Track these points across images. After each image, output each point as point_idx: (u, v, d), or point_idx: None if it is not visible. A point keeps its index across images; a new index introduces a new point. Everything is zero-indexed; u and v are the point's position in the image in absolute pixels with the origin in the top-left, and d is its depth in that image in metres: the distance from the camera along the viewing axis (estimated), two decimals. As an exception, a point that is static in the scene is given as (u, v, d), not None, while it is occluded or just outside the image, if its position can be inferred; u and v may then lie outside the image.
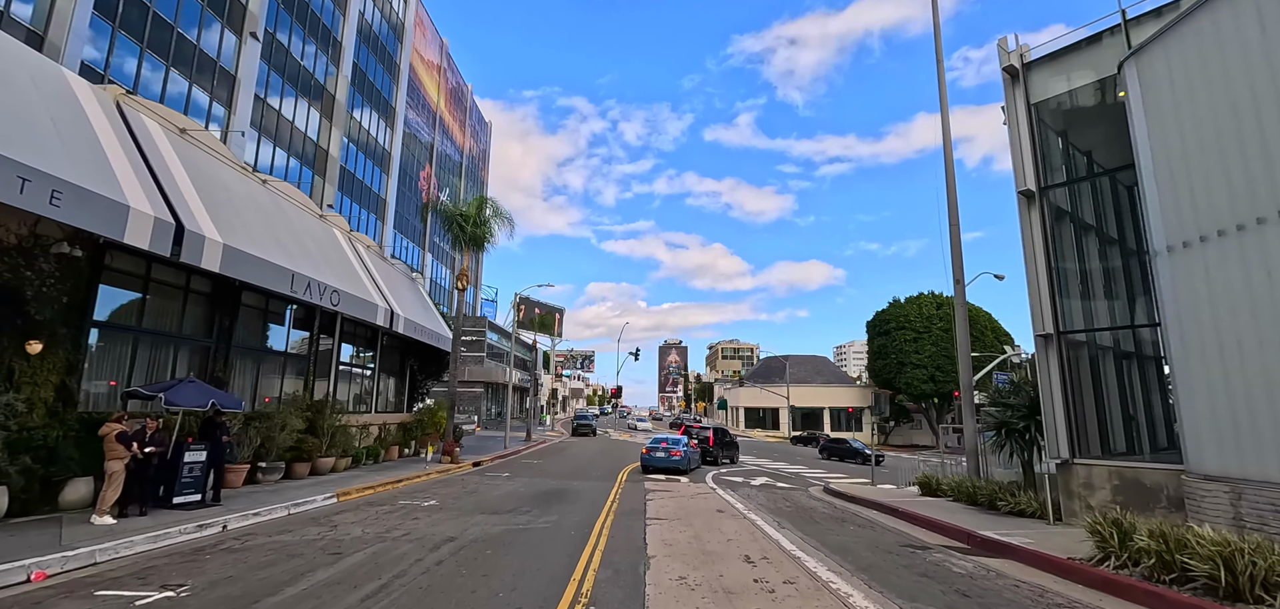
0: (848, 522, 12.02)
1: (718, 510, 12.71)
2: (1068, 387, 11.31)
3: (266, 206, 14.15)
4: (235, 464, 12.65)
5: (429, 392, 26.61)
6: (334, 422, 16.58)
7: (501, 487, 15.60)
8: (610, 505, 12.90)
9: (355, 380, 20.21)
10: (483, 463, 22.50)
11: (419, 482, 15.96)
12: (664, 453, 21.15)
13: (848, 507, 14.55)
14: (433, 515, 10.77)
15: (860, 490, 17.44)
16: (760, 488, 18.72)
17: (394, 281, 21.36)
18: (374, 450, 19.53)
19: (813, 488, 20.62)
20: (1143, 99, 9.57)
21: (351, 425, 18.24)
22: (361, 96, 41.40)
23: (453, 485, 15.48)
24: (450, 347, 22.75)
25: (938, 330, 58.21)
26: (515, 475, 18.84)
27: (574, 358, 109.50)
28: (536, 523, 10.48)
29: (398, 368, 24.09)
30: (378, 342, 21.45)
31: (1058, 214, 12.57)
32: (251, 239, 12.20)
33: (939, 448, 56.53)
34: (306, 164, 34.54)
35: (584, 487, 16.28)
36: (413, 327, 20.03)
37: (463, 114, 65.90)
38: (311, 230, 16.08)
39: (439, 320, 24.97)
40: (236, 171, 13.83)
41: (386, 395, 22.76)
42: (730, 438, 29.56)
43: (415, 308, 22.19)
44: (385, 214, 45.53)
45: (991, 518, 11.44)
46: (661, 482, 18.42)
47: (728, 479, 21.10)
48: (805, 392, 67.11)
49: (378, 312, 17.15)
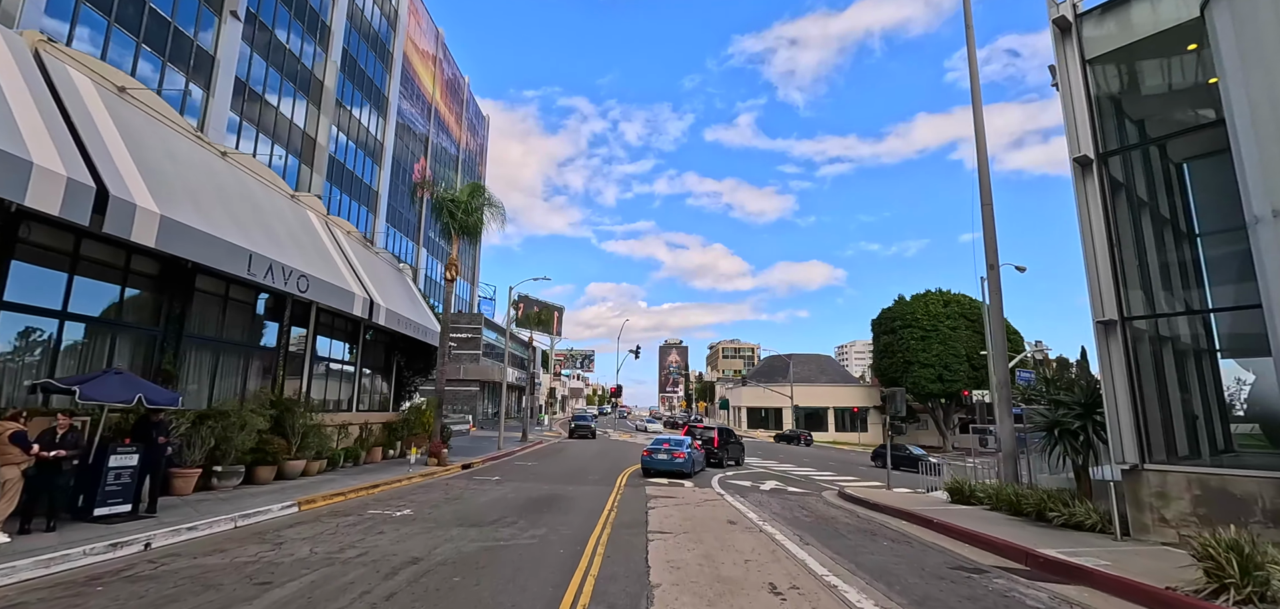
0: (878, 535, 10.54)
1: (729, 522, 11.23)
2: (1133, 381, 9.83)
3: (224, 181, 12.69)
4: (183, 468, 11.20)
5: (418, 390, 25.13)
6: (306, 421, 15.11)
7: (488, 492, 14.14)
8: (608, 515, 11.43)
9: (334, 377, 18.74)
10: (473, 465, 21.03)
11: (398, 487, 14.49)
12: (666, 455, 19.68)
13: (873, 516, 13.07)
14: (401, 529, 9.31)
15: (880, 496, 15.97)
16: (771, 493, 17.25)
17: (378, 271, 19.90)
18: (354, 452, 18.07)
19: (826, 492, 19.17)
20: (1236, 40, 8.10)
21: (328, 425, 16.78)
22: (352, 85, 39.94)
23: (434, 491, 14.01)
24: (439, 341, 21.28)
25: (945, 329, 56.65)
26: (506, 479, 17.38)
27: (574, 357, 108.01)
28: (521, 538, 9.01)
29: (383, 364, 22.63)
30: (360, 335, 19.98)
31: (1114, 186, 11.08)
32: (200, 213, 10.74)
33: (947, 449, 55.08)
34: (293, 152, 33.08)
35: (579, 492, 14.82)
36: (396, 319, 18.57)
37: (459, 107, 64.43)
38: (280, 210, 14.62)
39: (428, 314, 23.52)
40: (190, 140, 12.37)
41: (370, 393, 21.30)
42: (735, 439, 28.09)
43: (401, 300, 20.74)
44: (377, 206, 44.07)
45: (1045, 532, 9.97)
46: (664, 487, 16.95)
47: (734, 483, 19.63)
48: (809, 391, 65.60)
49: (355, 301, 15.68)
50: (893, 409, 22.52)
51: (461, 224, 21.57)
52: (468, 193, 21.83)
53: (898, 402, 22.49)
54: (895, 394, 22.65)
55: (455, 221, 21.52)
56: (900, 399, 22.59)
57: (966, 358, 54.83)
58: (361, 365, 20.25)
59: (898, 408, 22.40)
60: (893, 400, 22.55)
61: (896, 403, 22.50)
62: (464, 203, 21.58)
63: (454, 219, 21.50)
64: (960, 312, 57.23)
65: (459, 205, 21.54)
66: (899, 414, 22.46)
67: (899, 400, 22.53)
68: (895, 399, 22.54)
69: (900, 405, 22.46)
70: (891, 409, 22.62)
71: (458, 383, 49.20)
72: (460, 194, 21.76)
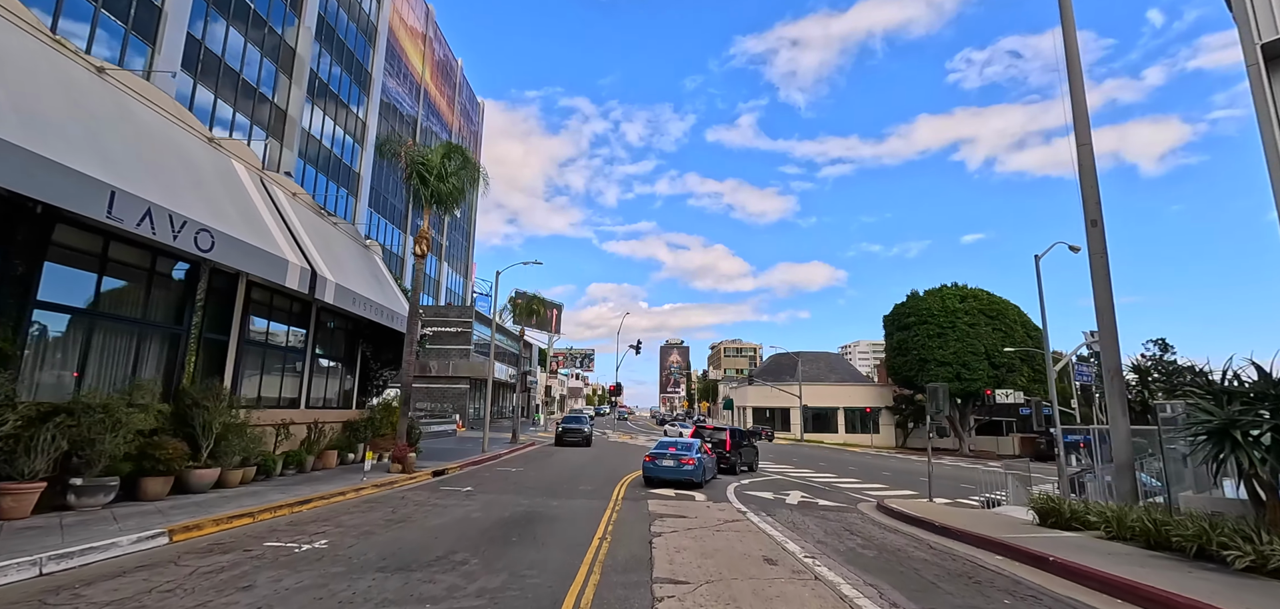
0: (982, 582, 7.45)
1: (767, 560, 8.15)
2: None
3: (95, 103, 9.63)
4: (18, 484, 8.13)
5: (389, 384, 22.06)
6: (225, 419, 12.08)
7: (450, 510, 11.07)
8: (598, 547, 8.38)
9: (274, 368, 15.69)
10: (446, 472, 17.98)
11: (334, 504, 11.43)
12: (673, 461, 16.58)
13: (950, 546, 9.98)
14: (287, 580, 6.24)
15: (938, 514, 12.91)
16: (802, 509, 14.19)
17: (333, 244, 16.85)
18: (298, 457, 15.00)
19: (862, 505, 16.15)
20: None
21: (261, 425, 13.74)
22: (330, 56, 36.88)
23: (378, 510, 10.94)
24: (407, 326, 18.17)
25: (963, 325, 53.57)
26: (480, 490, 14.33)
27: (574, 357, 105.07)
28: (461, 594, 5.95)
29: (345, 354, 19.58)
30: (311, 318, 16.93)
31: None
32: (30, 130, 7.68)
33: (963, 452, 51.99)
34: (259, 124, 30.02)
35: (566, 509, 11.76)
36: (352, 298, 15.51)
37: (452, 90, 61.38)
38: (185, 151, 11.55)
39: (398, 297, 20.47)
40: (42, 41, 9.29)
41: (327, 388, 18.25)
42: (749, 440, 25.00)
43: (362, 279, 17.69)
44: (359, 190, 41.03)
45: (1224, 580, 6.90)
46: (671, 501, 13.89)
47: (754, 494, 16.56)
48: (818, 391, 62.46)
49: (288, 270, 12.61)
50: (935, 408, 19.44)
51: (434, 192, 18.48)
52: (441, 153, 18.73)
53: (940, 398, 19.41)
54: (938, 391, 19.57)
55: (428, 188, 18.44)
56: (943, 396, 19.50)
57: (986, 355, 51.76)
58: (314, 355, 17.18)
59: (941, 406, 19.32)
60: (935, 397, 19.47)
61: (938, 400, 19.41)
62: (437, 166, 18.49)
63: (425, 185, 18.42)
64: (979, 307, 54.15)
65: (431, 169, 18.46)
66: (943, 412, 19.47)
67: (942, 397, 19.44)
68: (938, 396, 19.46)
69: (943, 403, 19.37)
70: (933, 408, 19.54)
71: (446, 380, 46.16)
72: (432, 155, 18.68)
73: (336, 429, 18.15)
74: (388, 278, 21.44)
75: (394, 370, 21.40)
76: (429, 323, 46.64)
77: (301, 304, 16.45)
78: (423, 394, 44.93)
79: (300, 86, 32.84)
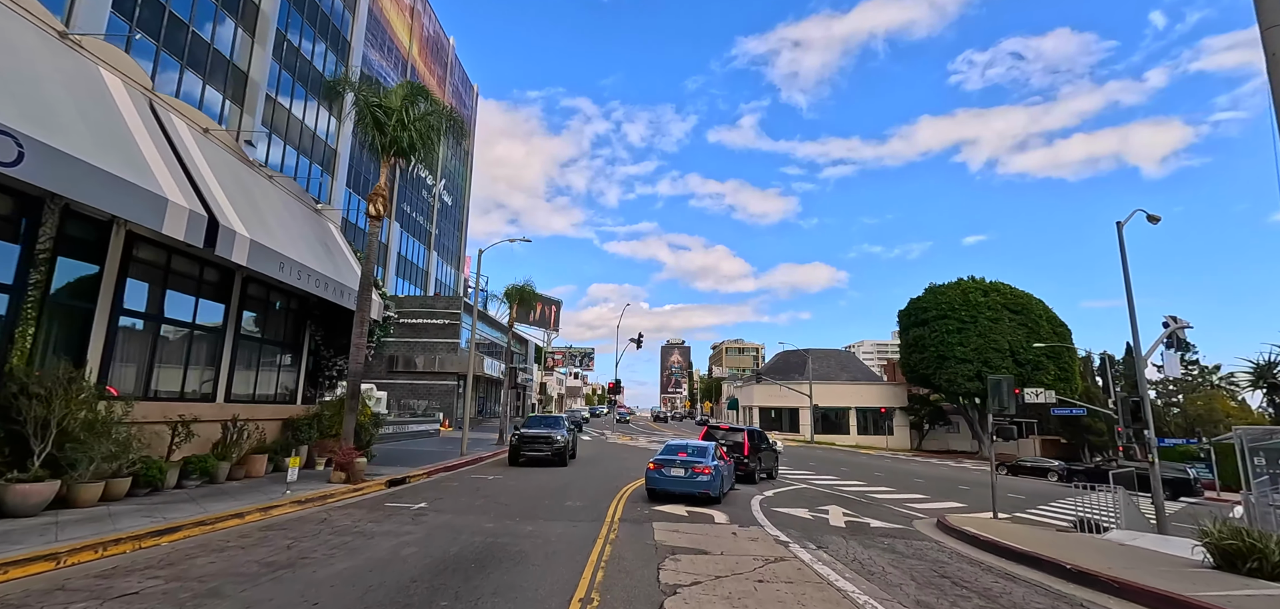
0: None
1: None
2: None
3: None
4: None
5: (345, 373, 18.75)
6: (82, 413, 8.81)
7: (368, 548, 7.75)
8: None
9: (176, 350, 12.40)
10: (406, 481, 14.67)
11: (219, 531, 8.14)
12: (683, 470, 13.24)
13: (1103, 602, 6.66)
14: None
15: (1045, 545, 9.64)
16: (853, 534, 10.87)
17: (259, 197, 13.54)
18: (207, 464, 11.70)
19: (918, 524, 12.92)
20: None
21: (151, 422, 10.47)
22: (301, 15, 33.57)
23: (266, 545, 7.62)
24: (361, 307, 14.83)
25: (986, 320, 50.28)
26: (434, 508, 11.03)
27: (573, 355, 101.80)
28: None
29: (288, 338, 16.29)
30: (234, 290, 13.63)
31: None
32: None
33: (983, 454, 48.56)
34: (215, 87, 26.70)
35: (541, 540, 8.45)
36: (274, 260, 12.19)
37: (443, 70, 58.04)
38: (8, 39, 8.24)
39: (353, 271, 17.13)
40: None
41: (256, 379, 14.95)
42: (767, 443, 21.65)
43: (303, 245, 14.40)
44: (335, 167, 37.71)
45: None
46: (685, 525, 10.56)
47: (785, 511, 13.25)
48: (829, 390, 59.09)
49: (167, 211, 9.29)
50: (997, 405, 16.12)
51: (393, 139, 15.15)
52: (402, 94, 15.39)
53: (1004, 393, 16.10)
54: (1001, 383, 16.27)
55: (385, 135, 15.12)
56: (1006, 390, 16.17)
57: (1010, 351, 48.39)
58: (237, 337, 13.87)
59: (1004, 403, 16.00)
60: (997, 392, 16.16)
61: (1001, 395, 16.10)
62: (396, 110, 15.16)
63: (382, 131, 15.11)
64: (1002, 301, 50.81)
65: (390, 114, 15.14)
66: (1007, 411, 16.18)
67: (1006, 392, 16.12)
68: (1000, 390, 16.15)
69: (1007, 400, 16.04)
70: (994, 406, 16.22)
71: (433, 375, 42.82)
72: (390, 96, 15.36)
73: (273, 429, 14.87)
74: (345, 250, 18.12)
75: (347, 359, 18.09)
76: (414, 313, 43.32)
77: (219, 272, 13.16)
78: (407, 391, 41.63)
79: (264, 46, 29.52)
